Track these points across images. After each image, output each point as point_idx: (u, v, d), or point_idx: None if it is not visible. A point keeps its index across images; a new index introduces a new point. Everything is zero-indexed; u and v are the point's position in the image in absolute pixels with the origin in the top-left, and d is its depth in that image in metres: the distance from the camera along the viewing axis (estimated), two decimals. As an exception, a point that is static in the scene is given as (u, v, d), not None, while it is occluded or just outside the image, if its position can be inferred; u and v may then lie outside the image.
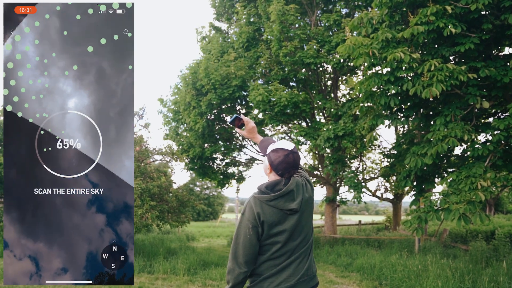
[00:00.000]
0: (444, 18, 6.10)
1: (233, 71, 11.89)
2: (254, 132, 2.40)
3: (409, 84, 6.38)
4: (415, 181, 7.70)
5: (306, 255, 2.07)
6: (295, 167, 2.04)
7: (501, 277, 5.62)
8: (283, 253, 2.01)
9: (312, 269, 2.11)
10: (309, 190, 2.11)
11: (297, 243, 2.03)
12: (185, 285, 7.11)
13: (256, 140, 2.41)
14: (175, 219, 11.62)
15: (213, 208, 41.85)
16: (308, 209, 2.08)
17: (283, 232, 2.00)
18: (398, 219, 17.04)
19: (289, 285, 1.99)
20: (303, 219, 2.04)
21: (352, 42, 6.81)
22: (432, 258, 7.45)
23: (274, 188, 2.02)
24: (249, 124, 2.36)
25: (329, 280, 7.77)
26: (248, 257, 2.01)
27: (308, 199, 2.07)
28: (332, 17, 11.36)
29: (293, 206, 1.99)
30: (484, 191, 5.64)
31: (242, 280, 2.05)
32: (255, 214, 1.99)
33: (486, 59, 6.83)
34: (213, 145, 14.06)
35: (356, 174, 11.51)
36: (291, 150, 2.02)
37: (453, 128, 6.19)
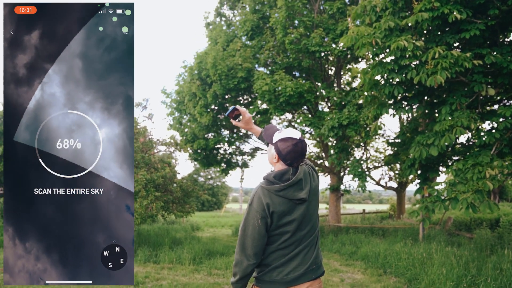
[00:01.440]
0: (449, 4, 6.01)
1: (240, 62, 11.83)
2: (250, 123, 2.36)
3: (413, 72, 6.31)
4: (420, 170, 7.68)
5: (314, 244, 2.07)
6: (303, 156, 2.02)
7: (505, 264, 5.63)
8: (291, 243, 2.00)
9: (319, 258, 2.11)
10: (315, 178, 2.10)
11: (305, 233, 2.03)
12: (190, 274, 7.18)
13: (254, 131, 2.38)
14: (180, 209, 11.69)
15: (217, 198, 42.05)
16: (315, 198, 2.08)
17: (292, 222, 1.99)
18: (402, 207, 17.05)
19: (298, 274, 1.99)
20: (310, 208, 2.04)
21: (355, 33, 6.74)
22: (437, 246, 7.47)
23: (283, 178, 1.99)
24: (245, 115, 2.33)
25: (334, 269, 7.82)
26: (257, 248, 1.98)
27: (315, 188, 2.07)
28: (335, 5, 11.24)
29: (302, 195, 1.97)
30: (492, 180, 5.61)
31: (250, 272, 2.03)
32: (264, 204, 1.96)
33: (491, 45, 6.74)
34: (217, 135, 14.06)
35: (360, 163, 11.49)
36: (300, 139, 1.99)
37: (459, 116, 6.14)
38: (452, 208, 5.92)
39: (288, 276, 1.98)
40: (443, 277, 5.65)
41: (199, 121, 13.23)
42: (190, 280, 6.72)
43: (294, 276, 1.98)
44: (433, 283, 5.68)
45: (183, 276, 7.02)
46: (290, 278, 1.98)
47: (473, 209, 5.59)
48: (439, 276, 5.72)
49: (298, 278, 1.99)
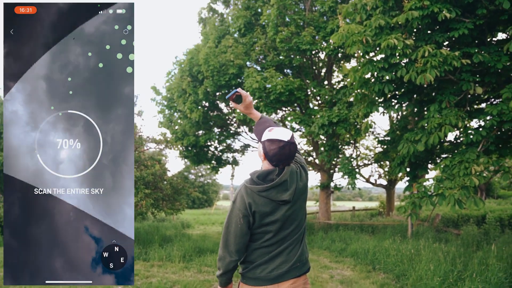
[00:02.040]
0: (439, 3, 6.07)
1: (231, 59, 11.80)
2: (250, 108, 2.28)
3: (403, 70, 6.37)
4: (409, 167, 7.76)
5: (299, 241, 2.05)
6: (290, 158, 1.95)
7: (491, 259, 5.73)
8: (275, 241, 1.99)
9: (305, 255, 2.08)
10: (303, 177, 2.04)
11: (289, 231, 2.00)
12: (180, 271, 7.17)
13: (253, 116, 2.31)
14: (170, 206, 11.66)
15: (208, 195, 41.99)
16: (302, 197, 2.03)
17: (275, 222, 1.96)
18: (391, 204, 17.23)
19: (282, 272, 1.98)
20: (296, 208, 2.00)
21: (345, 30, 6.77)
22: (425, 243, 7.57)
23: (266, 178, 1.96)
24: (246, 99, 2.23)
25: (324, 265, 7.87)
26: (239, 245, 2.00)
27: (302, 188, 2.02)
28: (327, 3, 11.27)
29: (285, 197, 1.94)
30: (478, 176, 5.70)
31: (232, 268, 2.05)
32: (246, 204, 1.95)
33: (479, 44, 6.83)
34: (208, 133, 14.03)
35: (350, 160, 11.57)
36: (288, 141, 1.92)
37: (447, 115, 6.22)
38: (439, 204, 6.00)
39: (271, 274, 1.97)
40: (430, 272, 5.73)
41: (189, 118, 13.18)
42: (180, 277, 6.71)
43: (277, 273, 1.97)
44: (421, 279, 5.75)
45: (173, 274, 7.00)
46: (273, 275, 1.97)
47: (459, 205, 5.68)
48: (427, 272, 5.80)
49: (282, 275, 1.98)
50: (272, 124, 2.12)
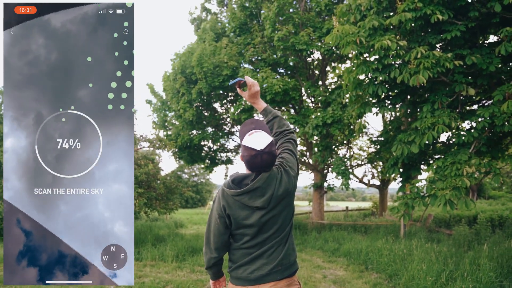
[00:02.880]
0: (432, 5, 6.12)
1: (226, 60, 11.80)
2: (256, 98, 2.18)
3: (396, 71, 6.41)
4: (402, 168, 7.82)
5: (282, 243, 1.98)
6: (265, 167, 1.88)
7: (482, 259, 5.79)
8: (254, 244, 1.97)
9: (289, 258, 2.00)
10: (284, 183, 1.93)
11: (269, 235, 1.96)
12: (173, 271, 7.15)
13: (257, 107, 2.22)
14: (163, 206, 11.61)
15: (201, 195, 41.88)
16: (282, 203, 1.94)
17: (250, 226, 1.94)
18: (384, 205, 17.34)
19: (262, 274, 1.95)
20: (275, 214, 1.94)
21: (340, 31, 6.80)
22: (417, 243, 7.63)
23: (242, 183, 1.93)
24: (252, 88, 2.14)
25: (317, 265, 7.90)
26: (217, 244, 2.01)
27: (282, 194, 1.92)
28: (322, 2, 11.29)
29: (258, 204, 1.89)
30: (469, 177, 5.76)
31: (213, 264, 2.08)
32: (221, 206, 1.95)
33: (471, 46, 6.89)
34: (202, 132, 14.01)
35: (344, 161, 11.62)
36: (260, 151, 1.83)
37: (440, 115, 6.27)
38: (431, 204, 6.06)
39: (252, 275, 1.96)
40: (422, 272, 5.78)
41: (183, 117, 13.16)
42: (173, 277, 6.69)
43: (257, 275, 1.95)
44: (413, 279, 5.80)
45: (165, 273, 6.98)
46: (254, 276, 1.96)
47: (451, 206, 5.73)
48: (419, 272, 5.85)
49: (262, 277, 1.95)
50: (260, 126, 1.98)
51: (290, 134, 2.14)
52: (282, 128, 2.14)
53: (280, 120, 2.17)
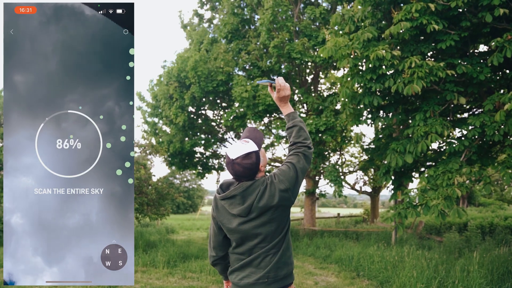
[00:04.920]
0: (427, 15, 6.20)
1: (221, 65, 11.82)
2: (283, 101, 2.12)
3: (390, 81, 6.47)
4: (394, 176, 7.87)
5: (269, 255, 1.94)
6: (239, 176, 1.91)
7: (472, 266, 5.84)
8: (242, 251, 1.98)
9: (278, 271, 1.95)
10: (267, 195, 1.89)
11: (255, 244, 1.95)
12: (164, 277, 7.08)
13: (283, 110, 2.15)
14: (155, 211, 11.54)
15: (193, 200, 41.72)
16: (267, 214, 1.90)
17: (233, 232, 1.96)
18: (376, 211, 17.41)
19: (249, 282, 1.95)
20: (257, 224, 1.91)
21: (333, 44, 6.84)
22: (408, 249, 7.67)
23: (228, 188, 2.00)
24: (280, 92, 2.08)
25: (308, 272, 7.89)
26: (214, 243, 2.10)
27: (263, 207, 1.89)
28: (318, 10, 11.38)
29: (236, 211, 1.92)
30: (460, 187, 5.82)
31: (214, 262, 2.15)
32: (212, 208, 2.06)
33: (462, 56, 7.00)
34: (194, 138, 13.98)
35: (336, 168, 11.67)
36: (232, 160, 1.89)
37: (433, 124, 6.34)
38: (424, 214, 6.10)
39: (241, 281, 1.97)
40: (413, 279, 5.81)
41: (175, 123, 13.13)
42: (164, 283, 6.63)
43: (245, 282, 1.96)
44: (404, 286, 5.82)
45: (157, 280, 6.91)
46: (242, 283, 1.97)
47: (443, 217, 5.79)
48: (410, 279, 5.87)
49: (249, 285, 1.95)
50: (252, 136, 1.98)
51: (303, 147, 2.03)
52: (297, 140, 2.05)
53: (299, 131, 2.07)
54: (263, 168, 2.01)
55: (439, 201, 5.77)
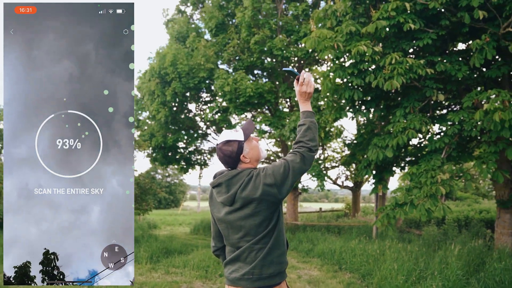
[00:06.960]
0: (404, 14, 6.32)
1: (202, 62, 11.74)
2: (303, 97, 2.08)
3: (371, 76, 6.58)
4: (375, 170, 8.01)
5: (255, 250, 1.92)
6: (224, 162, 1.98)
7: (450, 258, 6.03)
8: (231, 243, 1.99)
9: (264, 269, 1.92)
10: (251, 187, 1.88)
11: (239, 237, 1.94)
12: (147, 273, 7.05)
13: (301, 107, 2.11)
14: (137, 207, 11.43)
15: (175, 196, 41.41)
16: (250, 207, 1.89)
17: (220, 221, 2.00)
18: (357, 206, 17.70)
19: (236, 277, 1.95)
20: (242, 216, 1.91)
21: (317, 35, 6.91)
22: (390, 243, 7.84)
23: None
24: (302, 87, 2.05)
25: (291, 266, 7.98)
26: (213, 234, 2.16)
27: (246, 197, 1.88)
28: (301, 7, 11.43)
29: (221, 199, 1.95)
30: (444, 185, 5.98)
31: (214, 253, 2.20)
32: (208, 196, 2.10)
33: (442, 54, 7.17)
34: (176, 134, 13.88)
35: (319, 163, 11.79)
36: (217, 145, 1.98)
37: (412, 120, 6.48)
38: (409, 213, 6.19)
39: (231, 275, 1.99)
40: (394, 271, 5.95)
41: (157, 119, 13.04)
42: (147, 279, 6.59)
43: (233, 276, 1.97)
44: (385, 278, 5.96)
45: (140, 275, 6.87)
46: (231, 277, 1.98)
47: (429, 214, 5.94)
48: (391, 271, 6.02)
49: (236, 280, 1.96)
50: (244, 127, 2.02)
51: (304, 148, 1.97)
52: (302, 138, 2.01)
53: (306, 130, 2.02)
54: (248, 160, 1.97)
55: (425, 200, 5.92)
